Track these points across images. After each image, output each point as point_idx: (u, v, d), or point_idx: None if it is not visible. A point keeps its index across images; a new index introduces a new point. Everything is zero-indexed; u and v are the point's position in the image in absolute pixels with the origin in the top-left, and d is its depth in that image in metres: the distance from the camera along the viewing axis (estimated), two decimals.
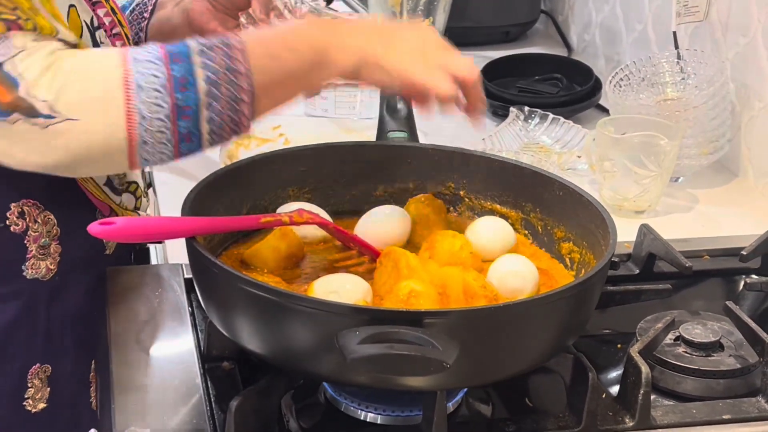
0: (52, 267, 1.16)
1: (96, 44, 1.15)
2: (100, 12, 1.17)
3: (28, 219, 1.13)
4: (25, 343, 1.17)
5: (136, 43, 1.36)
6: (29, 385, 1.18)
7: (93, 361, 1.23)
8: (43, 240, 1.15)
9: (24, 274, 1.15)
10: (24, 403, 1.18)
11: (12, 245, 1.14)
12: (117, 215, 1.18)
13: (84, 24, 1.12)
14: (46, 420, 1.20)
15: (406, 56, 1.05)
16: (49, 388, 1.19)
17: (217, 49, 1.00)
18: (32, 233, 1.14)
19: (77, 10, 1.11)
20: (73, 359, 1.21)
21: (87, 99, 0.97)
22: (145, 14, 1.37)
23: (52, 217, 1.15)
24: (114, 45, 1.19)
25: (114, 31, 1.19)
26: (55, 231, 1.16)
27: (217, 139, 1.02)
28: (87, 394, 1.23)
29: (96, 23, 1.15)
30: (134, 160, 1.00)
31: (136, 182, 1.25)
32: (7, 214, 1.12)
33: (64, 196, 1.15)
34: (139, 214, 1.25)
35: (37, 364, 1.18)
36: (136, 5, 1.38)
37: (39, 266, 1.15)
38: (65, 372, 1.21)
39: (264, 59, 1.01)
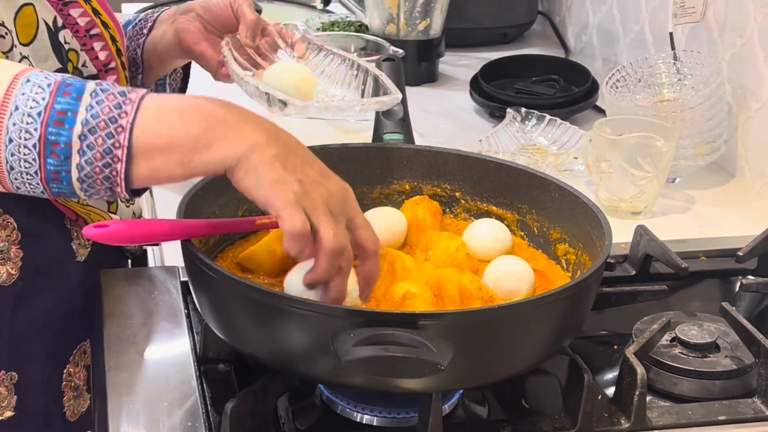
0: (13, 272, 1.14)
1: (57, 44, 1.13)
2: (75, 12, 1.15)
3: None
4: None
5: (133, 60, 1.36)
6: None
7: (65, 371, 1.21)
8: (2, 244, 1.12)
9: None
10: None
11: None
12: (85, 220, 1.17)
13: (44, 23, 1.10)
14: (13, 428, 1.18)
15: (285, 176, 0.92)
16: (16, 396, 1.18)
17: (111, 97, 0.94)
18: None
19: (35, 9, 1.09)
20: (42, 367, 1.19)
21: None
22: (144, 30, 1.35)
23: (11, 220, 1.12)
24: (84, 44, 1.17)
25: (91, 33, 1.17)
26: (15, 235, 1.13)
27: (90, 189, 0.96)
28: (59, 403, 1.22)
29: (60, 23, 1.13)
30: (5, 182, 0.97)
31: None
32: None
33: (25, 199, 1.10)
34: (111, 217, 1.22)
35: (3, 371, 1.16)
36: (138, 20, 1.37)
37: None
38: (33, 380, 1.19)
39: (153, 121, 0.94)
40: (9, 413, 1.18)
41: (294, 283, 0.97)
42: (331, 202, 0.94)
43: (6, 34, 1.05)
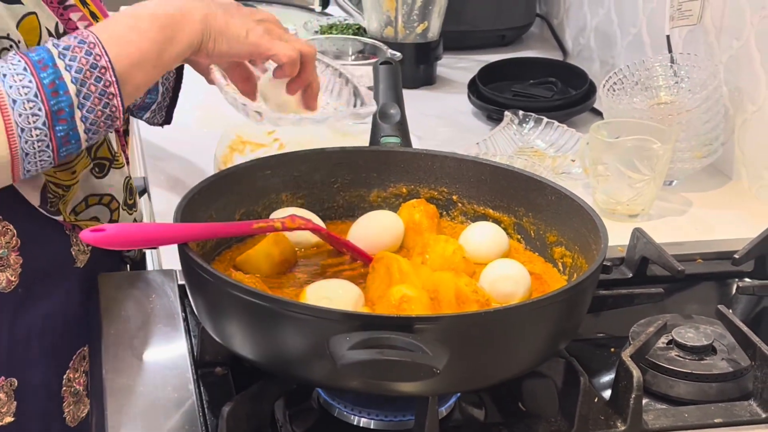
0: (13, 279, 1.15)
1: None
2: (74, 16, 1.16)
3: None
4: None
5: None
6: None
7: (65, 377, 1.22)
8: (1, 251, 1.13)
9: None
10: None
11: None
12: (79, 227, 1.17)
13: (46, 30, 1.11)
14: None
15: (247, 26, 1.10)
16: (15, 402, 1.18)
17: (77, 49, 1.03)
18: None
19: (38, 17, 1.11)
20: (42, 372, 1.19)
21: None
22: None
23: (11, 227, 1.13)
24: (69, 19, 1.17)
25: (67, 3, 1.17)
26: (14, 242, 1.14)
27: (95, 134, 1.05)
28: (59, 408, 1.22)
29: (62, 29, 1.14)
30: (17, 173, 1.03)
31: (110, 195, 1.22)
32: None
33: (24, 206, 1.13)
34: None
35: (2, 377, 1.17)
36: None
37: None
38: (33, 385, 1.19)
39: (117, 47, 1.04)
40: (9, 419, 1.18)
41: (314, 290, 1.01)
42: (279, 25, 1.14)
43: (11, 45, 1.06)
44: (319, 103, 1.20)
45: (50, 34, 1.12)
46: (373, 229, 1.15)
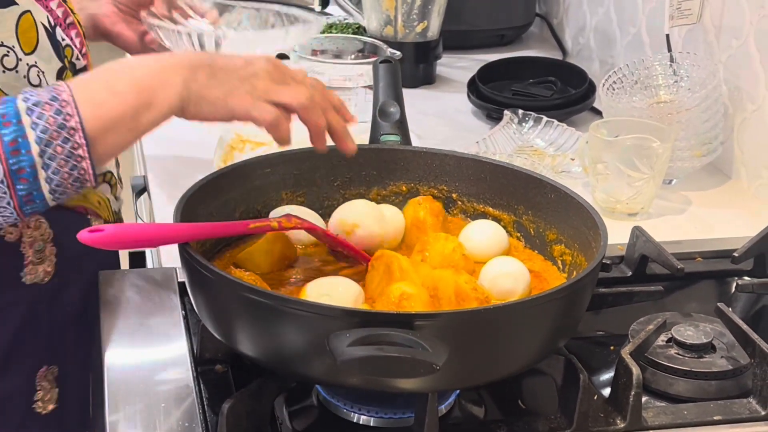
0: (49, 269, 1.17)
1: (56, 44, 1.15)
2: (53, 4, 1.17)
3: (21, 226, 1.14)
4: (31, 346, 1.18)
5: None
6: (38, 387, 1.19)
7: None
8: (37, 244, 1.15)
9: (23, 280, 1.16)
10: (34, 406, 1.19)
11: (9, 253, 1.14)
12: (95, 212, 1.19)
13: (41, 26, 1.11)
14: (56, 420, 1.21)
15: (228, 86, 1.03)
16: (57, 389, 1.21)
17: (46, 106, 0.98)
18: (26, 239, 1.15)
19: (32, 15, 1.11)
20: (80, 358, 1.22)
21: None
22: None
23: (43, 220, 1.16)
24: (69, 36, 1.19)
25: (68, 21, 1.19)
26: (48, 233, 1.16)
27: (61, 195, 1.01)
28: (89, 393, 1.24)
29: (53, 21, 1.14)
30: None
31: (110, 171, 1.26)
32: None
33: None
34: (117, 198, 1.27)
35: (45, 367, 1.19)
36: None
37: (36, 271, 1.16)
38: (71, 371, 1.22)
39: (92, 108, 0.99)
40: (52, 406, 1.21)
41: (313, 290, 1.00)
42: (272, 75, 1.05)
43: (8, 51, 1.06)
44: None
45: (46, 30, 1.13)
46: (371, 222, 1.15)
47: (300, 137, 1.60)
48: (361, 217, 1.14)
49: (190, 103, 1.02)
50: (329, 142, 1.11)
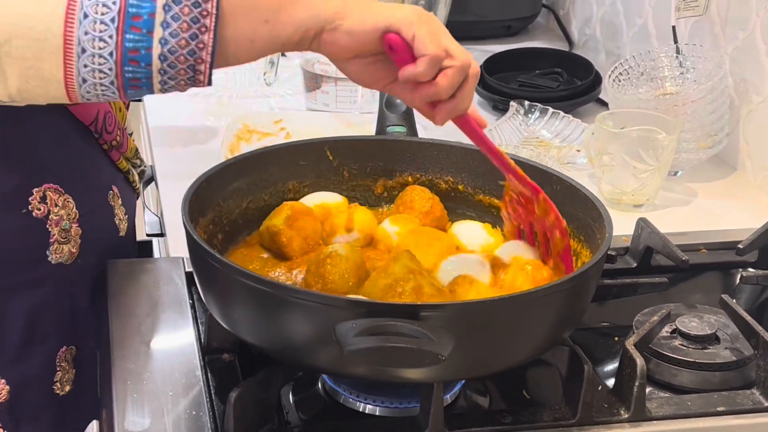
0: (74, 250, 1.17)
1: None
2: None
3: (49, 203, 1.14)
4: (54, 326, 1.19)
5: None
6: (58, 368, 1.20)
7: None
8: (64, 223, 1.15)
9: (49, 259, 1.16)
10: (53, 387, 1.20)
11: (35, 230, 1.14)
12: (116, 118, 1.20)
13: None
14: (72, 402, 1.21)
15: (392, 10, 0.93)
16: (75, 370, 1.21)
17: None
18: (53, 217, 1.15)
19: None
20: (94, 340, 1.22)
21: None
22: None
23: (70, 199, 1.16)
24: None
25: None
26: (74, 213, 1.16)
27: (170, 81, 0.90)
28: None
29: None
30: (71, 84, 0.89)
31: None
32: (29, 200, 1.13)
33: (81, 178, 1.17)
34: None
35: (65, 347, 1.20)
36: None
37: (62, 250, 1.16)
38: (88, 353, 1.22)
39: None
40: (68, 387, 1.21)
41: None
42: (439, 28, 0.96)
43: None
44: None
45: None
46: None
47: (307, 128, 1.61)
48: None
49: (344, 17, 0.91)
50: (337, 132, 1.10)
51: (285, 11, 0.89)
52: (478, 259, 1.09)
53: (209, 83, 0.91)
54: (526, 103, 1.72)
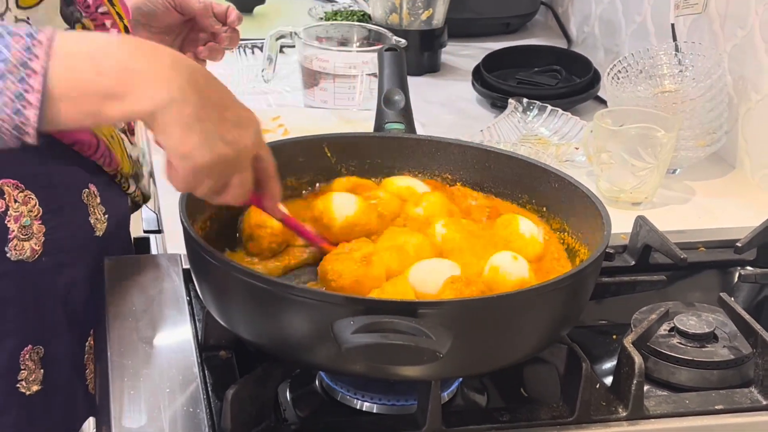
0: (37, 248, 1.15)
1: (68, 17, 1.13)
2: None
3: (7, 199, 1.13)
4: (16, 322, 1.17)
5: None
6: (22, 366, 1.18)
7: (87, 345, 1.24)
8: (24, 219, 1.14)
9: (8, 255, 1.14)
10: (17, 385, 1.18)
11: None
12: (107, 145, 1.19)
13: None
14: (40, 402, 1.20)
15: (210, 146, 0.92)
16: (42, 370, 1.20)
17: (19, 39, 0.88)
18: (13, 213, 1.13)
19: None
20: (67, 341, 1.21)
21: None
22: None
23: (32, 196, 1.14)
24: (102, 23, 1.18)
25: (100, 11, 1.18)
26: (36, 210, 1.14)
27: None
28: (82, 377, 1.24)
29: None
30: None
31: None
32: None
33: (44, 175, 1.14)
34: (132, 144, 1.27)
35: (30, 345, 1.18)
36: None
37: (23, 247, 1.14)
38: (58, 354, 1.21)
39: (64, 69, 0.88)
40: (36, 387, 1.20)
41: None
42: (240, 156, 0.94)
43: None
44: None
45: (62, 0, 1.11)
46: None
47: (305, 125, 1.61)
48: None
49: (157, 124, 0.90)
50: (335, 129, 1.10)
51: (110, 105, 0.89)
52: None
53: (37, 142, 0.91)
54: (525, 100, 1.72)
